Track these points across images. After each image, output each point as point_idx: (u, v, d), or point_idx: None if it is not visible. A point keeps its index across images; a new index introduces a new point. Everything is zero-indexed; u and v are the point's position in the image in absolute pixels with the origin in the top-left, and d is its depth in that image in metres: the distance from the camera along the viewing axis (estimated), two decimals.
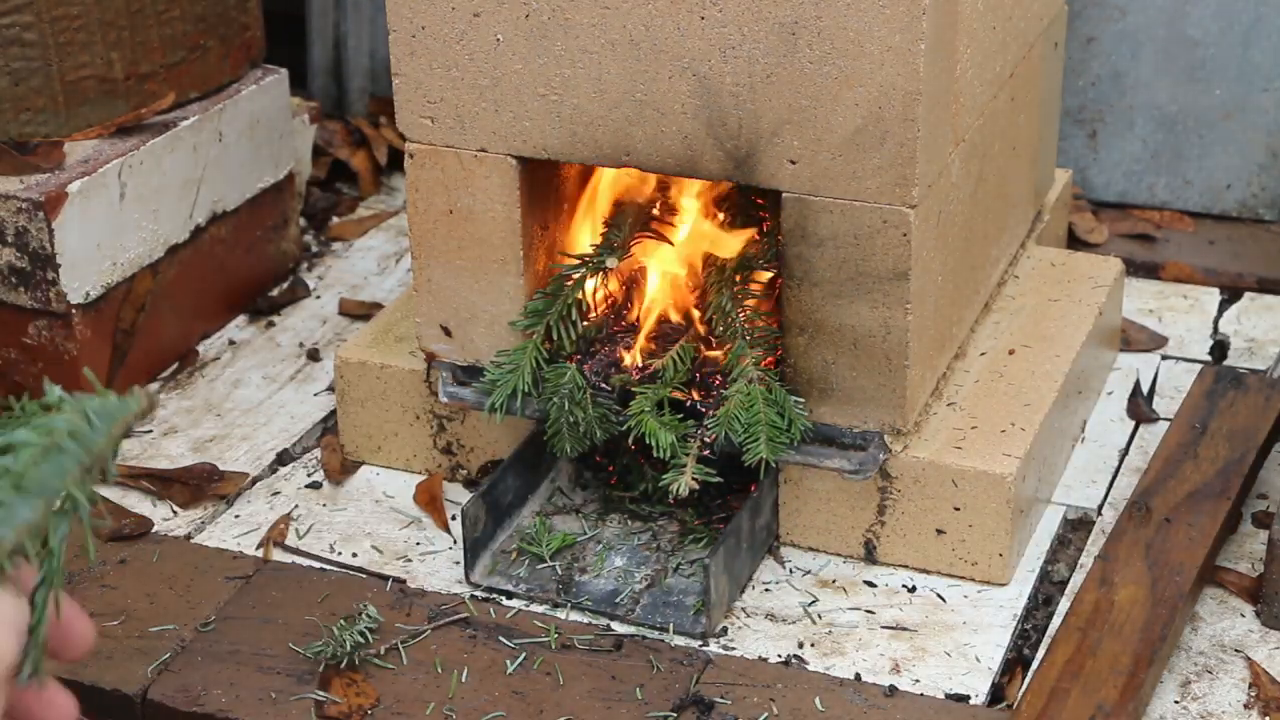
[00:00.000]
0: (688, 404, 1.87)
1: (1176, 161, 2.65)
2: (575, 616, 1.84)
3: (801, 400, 1.84)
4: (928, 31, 1.67)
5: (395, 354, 2.07)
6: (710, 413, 1.85)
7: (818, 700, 1.71)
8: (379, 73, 2.93)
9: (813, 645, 1.79)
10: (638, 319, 1.98)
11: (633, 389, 1.88)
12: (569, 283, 1.93)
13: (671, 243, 1.98)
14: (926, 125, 1.72)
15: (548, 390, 1.89)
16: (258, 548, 1.96)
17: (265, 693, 1.74)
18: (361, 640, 1.78)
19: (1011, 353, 2.03)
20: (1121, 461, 2.08)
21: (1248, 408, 2.06)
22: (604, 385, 1.90)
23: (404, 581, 1.90)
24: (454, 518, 1.99)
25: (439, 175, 1.92)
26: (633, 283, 2.00)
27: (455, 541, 1.96)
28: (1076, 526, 1.98)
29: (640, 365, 1.92)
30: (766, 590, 1.88)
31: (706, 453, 1.83)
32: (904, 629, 1.81)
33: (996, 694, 1.74)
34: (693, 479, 1.80)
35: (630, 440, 1.86)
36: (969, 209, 1.94)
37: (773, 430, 1.81)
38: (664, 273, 2.00)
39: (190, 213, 2.33)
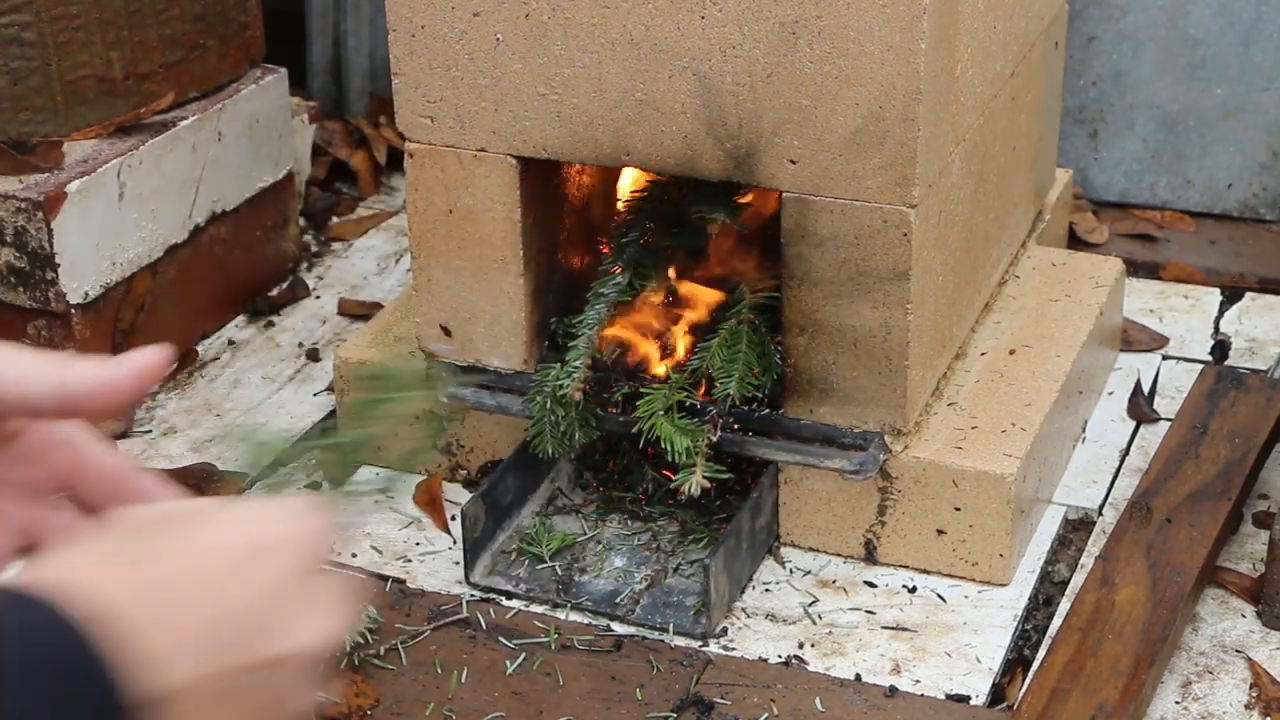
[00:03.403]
0: (688, 403, 1.87)
1: (1177, 161, 2.64)
2: (575, 617, 1.84)
3: (781, 343, 1.85)
4: (928, 31, 1.67)
5: (395, 354, 2.07)
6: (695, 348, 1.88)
7: (818, 701, 1.71)
8: (379, 72, 2.92)
9: (813, 645, 1.79)
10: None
11: (641, 389, 1.88)
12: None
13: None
14: (927, 125, 1.72)
15: (533, 389, 1.89)
16: None
17: None
18: (361, 640, 1.78)
19: (1012, 353, 2.02)
20: (1122, 462, 2.08)
21: (1249, 408, 2.06)
22: (612, 385, 1.90)
23: (404, 581, 1.90)
24: (454, 518, 1.99)
25: (439, 175, 1.91)
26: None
27: (455, 541, 1.96)
28: (1077, 527, 1.98)
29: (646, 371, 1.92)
30: (766, 590, 1.88)
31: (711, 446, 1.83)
32: (904, 629, 1.81)
33: (997, 694, 1.74)
34: (704, 478, 1.80)
35: (642, 443, 1.86)
36: (969, 209, 1.94)
37: (745, 370, 1.82)
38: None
39: (189, 213, 2.32)
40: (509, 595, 1.87)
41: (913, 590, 1.87)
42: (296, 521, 0.77)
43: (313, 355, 2.35)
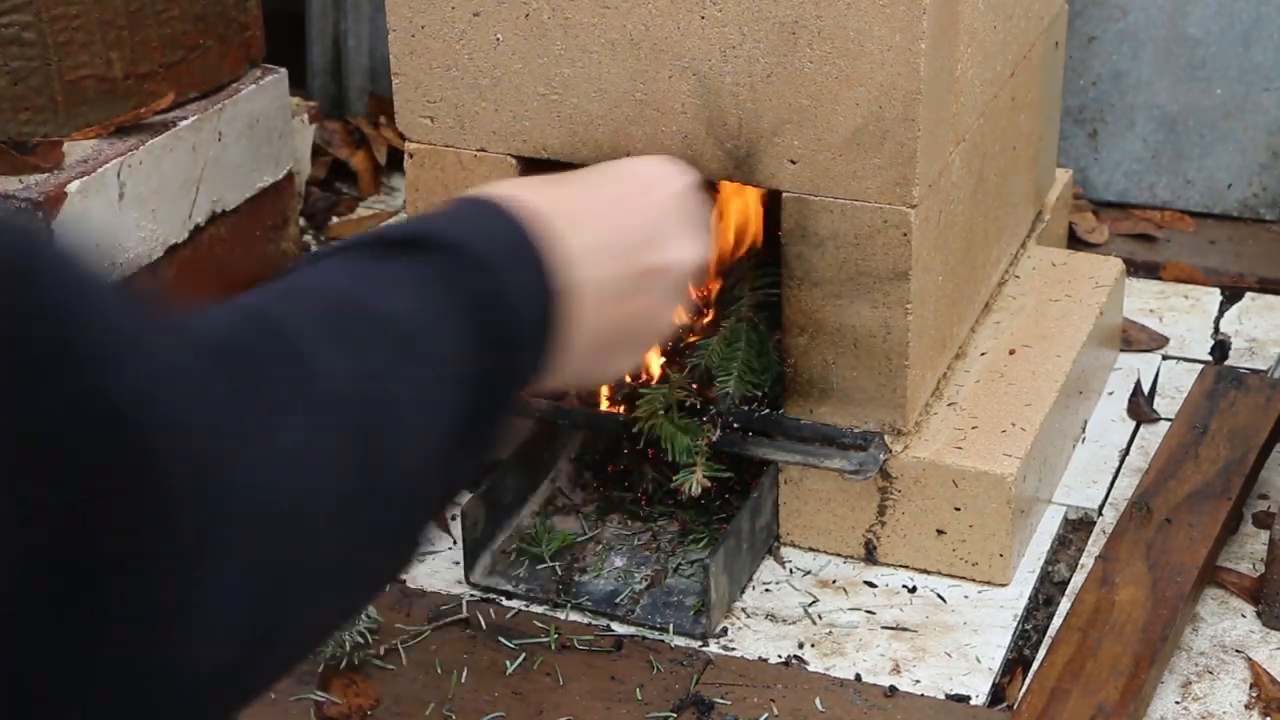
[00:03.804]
0: (688, 403, 1.87)
1: (1177, 161, 2.64)
2: (575, 617, 1.84)
3: (781, 343, 1.86)
4: (928, 31, 1.67)
5: None
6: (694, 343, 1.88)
7: (818, 701, 1.71)
8: (379, 72, 2.92)
9: (813, 645, 1.79)
10: None
11: (641, 389, 1.88)
12: None
13: None
14: (927, 125, 1.72)
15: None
16: None
17: (265, 693, 1.73)
18: (361, 640, 1.78)
19: (1012, 353, 2.02)
20: (1122, 462, 2.08)
21: (1248, 408, 2.06)
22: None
23: (404, 581, 1.90)
24: (454, 518, 1.99)
25: (439, 175, 1.91)
26: None
27: (455, 541, 1.96)
28: (1077, 527, 1.98)
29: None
30: (766, 590, 1.88)
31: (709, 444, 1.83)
32: (904, 629, 1.81)
33: (997, 694, 1.74)
34: (704, 478, 1.81)
35: (642, 443, 1.86)
36: (969, 209, 1.94)
37: (745, 369, 1.83)
38: None
39: (189, 213, 2.32)
40: (509, 595, 1.87)
41: (913, 590, 1.87)
42: (673, 168, 0.98)
43: None
